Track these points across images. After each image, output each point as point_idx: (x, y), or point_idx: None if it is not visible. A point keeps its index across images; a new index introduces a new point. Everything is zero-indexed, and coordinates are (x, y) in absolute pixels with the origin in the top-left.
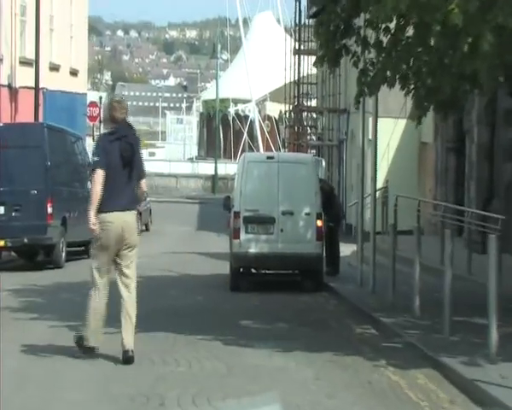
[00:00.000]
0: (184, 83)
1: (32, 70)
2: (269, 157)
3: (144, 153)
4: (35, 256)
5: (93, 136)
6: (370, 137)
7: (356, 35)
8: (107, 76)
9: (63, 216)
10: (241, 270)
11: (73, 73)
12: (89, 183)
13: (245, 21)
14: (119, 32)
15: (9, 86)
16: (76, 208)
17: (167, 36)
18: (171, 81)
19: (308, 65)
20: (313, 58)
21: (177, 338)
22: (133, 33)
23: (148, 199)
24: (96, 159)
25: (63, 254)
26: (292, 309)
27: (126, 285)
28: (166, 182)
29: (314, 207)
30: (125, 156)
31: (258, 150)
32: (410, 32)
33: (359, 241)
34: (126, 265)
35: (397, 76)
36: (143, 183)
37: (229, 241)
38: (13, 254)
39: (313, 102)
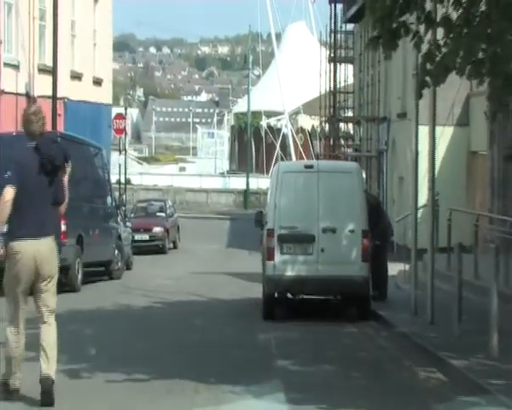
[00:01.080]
0: (216, 98)
1: (51, 78)
2: (307, 166)
3: (175, 168)
4: None
5: (119, 149)
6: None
7: (418, 10)
8: (140, 92)
9: (79, 234)
10: (276, 295)
11: (97, 82)
12: (109, 198)
13: (277, 36)
14: (152, 49)
15: (27, 95)
16: (94, 226)
17: (199, 52)
18: (203, 97)
19: (344, 74)
20: (350, 66)
21: (197, 390)
22: (165, 50)
23: (175, 215)
24: (8, 174)
25: (79, 277)
26: (336, 345)
27: (44, 318)
28: (197, 197)
29: (359, 224)
30: (42, 175)
31: None
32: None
33: (413, 260)
34: (43, 299)
35: (468, 61)
36: (63, 207)
37: (261, 262)
38: None
39: (349, 113)
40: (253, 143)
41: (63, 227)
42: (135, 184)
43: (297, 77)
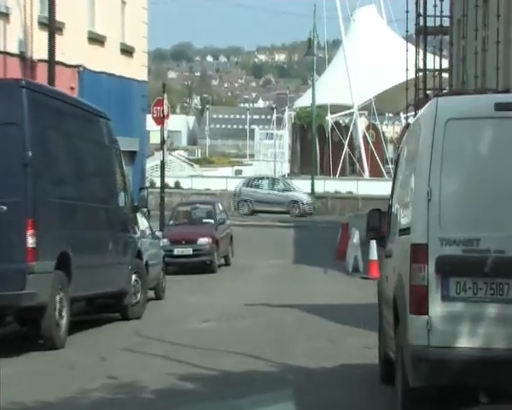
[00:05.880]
0: (273, 105)
1: (60, 38)
2: (501, 105)
3: (230, 171)
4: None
5: (161, 143)
6: None
7: None
8: (197, 100)
9: (62, 252)
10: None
11: (127, 51)
12: (122, 195)
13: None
14: (209, 58)
15: (21, 56)
16: (92, 237)
17: (256, 60)
18: (261, 104)
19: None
20: (445, 39)
21: None
22: (222, 58)
23: (228, 222)
24: None
25: (63, 323)
26: None
27: None
28: None
29: None
30: None
31: (361, 166)
32: None
33: None
34: None
35: None
36: None
37: (382, 312)
38: None
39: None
40: (317, 142)
41: (30, 240)
42: (185, 187)
43: (367, 66)
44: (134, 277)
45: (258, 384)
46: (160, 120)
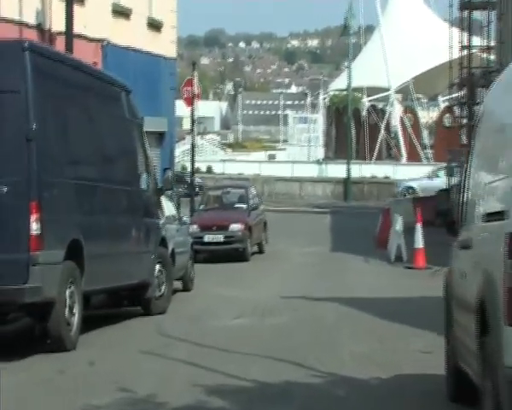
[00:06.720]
0: (306, 91)
1: (81, 10)
2: None
3: (263, 156)
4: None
5: (191, 123)
6: None
7: None
8: (230, 86)
9: (72, 240)
10: None
11: (154, 25)
12: (144, 177)
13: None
14: (241, 44)
15: (39, 28)
16: (108, 223)
17: (289, 45)
18: (293, 90)
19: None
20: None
21: None
22: (255, 44)
23: (261, 207)
24: None
25: (74, 322)
26: None
27: None
28: (288, 188)
29: None
30: None
31: (398, 150)
32: None
33: None
34: None
35: None
36: None
37: (451, 319)
38: None
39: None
40: (353, 126)
41: (34, 227)
42: (216, 172)
43: (404, 47)
44: (158, 267)
45: (300, 400)
46: (191, 101)
